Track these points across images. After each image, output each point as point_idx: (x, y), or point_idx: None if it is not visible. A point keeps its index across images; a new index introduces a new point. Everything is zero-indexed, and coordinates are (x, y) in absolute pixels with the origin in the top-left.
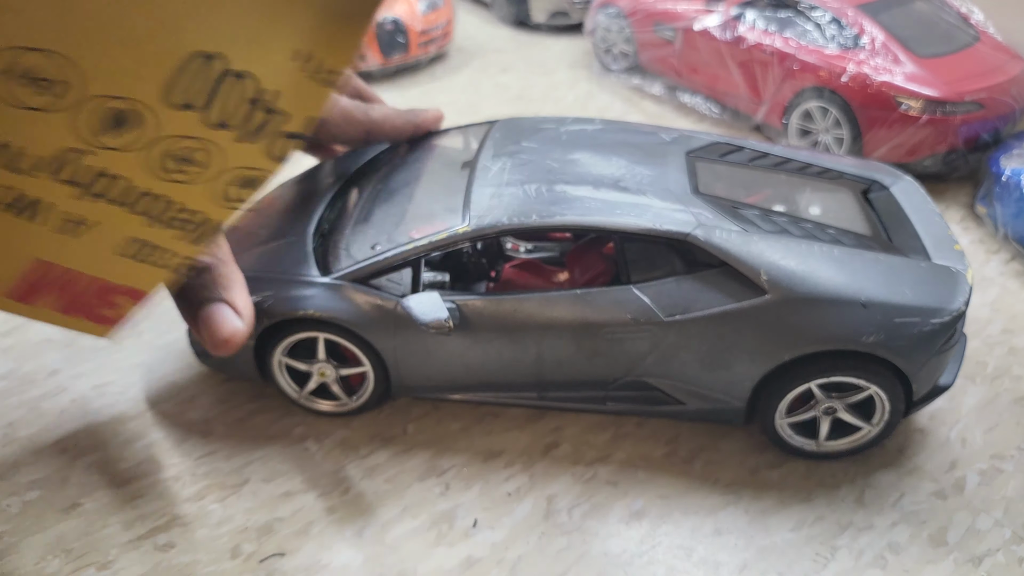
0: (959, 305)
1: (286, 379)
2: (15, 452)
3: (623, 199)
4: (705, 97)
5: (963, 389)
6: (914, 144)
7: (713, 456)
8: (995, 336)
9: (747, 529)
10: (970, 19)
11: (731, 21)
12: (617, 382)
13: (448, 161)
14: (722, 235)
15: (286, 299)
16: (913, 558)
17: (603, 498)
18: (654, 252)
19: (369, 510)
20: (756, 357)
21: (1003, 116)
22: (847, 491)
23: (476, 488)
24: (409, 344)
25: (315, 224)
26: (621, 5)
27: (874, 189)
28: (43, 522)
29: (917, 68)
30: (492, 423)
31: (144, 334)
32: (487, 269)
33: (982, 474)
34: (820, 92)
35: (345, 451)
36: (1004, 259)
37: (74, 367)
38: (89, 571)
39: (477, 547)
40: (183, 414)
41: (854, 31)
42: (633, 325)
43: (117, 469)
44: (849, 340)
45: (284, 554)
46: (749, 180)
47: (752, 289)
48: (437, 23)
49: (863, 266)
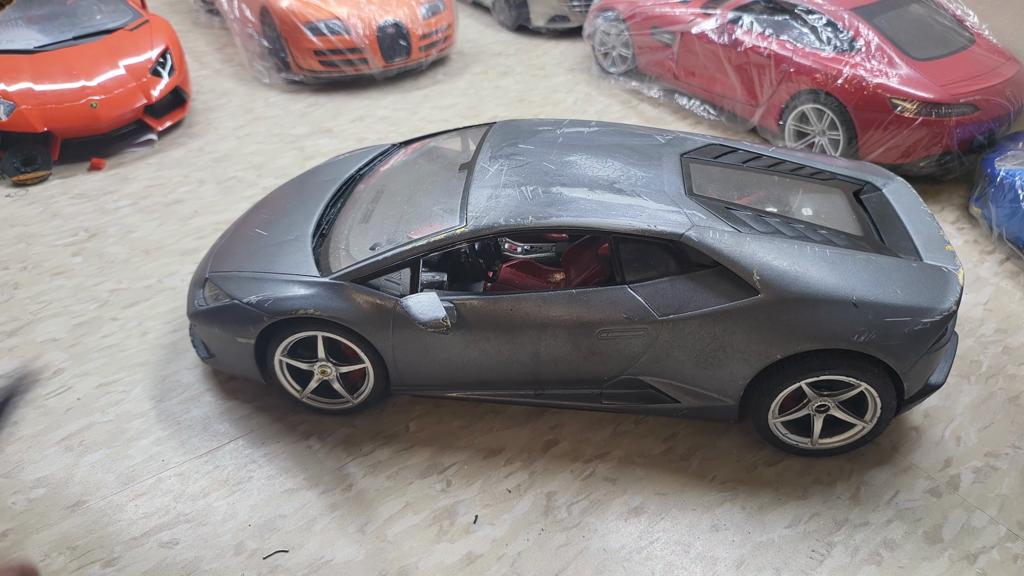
0: (950, 305)
1: (287, 378)
2: (20, 450)
3: (618, 200)
4: (702, 100)
5: (957, 388)
6: (909, 146)
7: (710, 453)
8: (989, 335)
9: (744, 525)
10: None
11: (728, 25)
12: (612, 380)
13: (446, 163)
14: (715, 236)
15: (286, 299)
16: (908, 555)
17: (602, 495)
18: (648, 252)
19: (371, 507)
20: (749, 356)
21: (998, 118)
22: (843, 488)
23: (477, 485)
24: (408, 343)
25: (315, 224)
26: (619, 9)
27: (866, 190)
28: (48, 519)
29: (912, 71)
30: (493, 421)
31: (148, 334)
32: (484, 269)
33: (976, 472)
34: (816, 95)
35: (348, 448)
36: (998, 259)
37: (79, 366)
38: (94, 568)
39: (478, 543)
40: (187, 412)
41: (850, 34)
42: (628, 324)
43: (122, 467)
44: (840, 339)
45: (288, 550)
46: (742, 181)
47: (745, 289)
48: (438, 27)
49: (854, 266)
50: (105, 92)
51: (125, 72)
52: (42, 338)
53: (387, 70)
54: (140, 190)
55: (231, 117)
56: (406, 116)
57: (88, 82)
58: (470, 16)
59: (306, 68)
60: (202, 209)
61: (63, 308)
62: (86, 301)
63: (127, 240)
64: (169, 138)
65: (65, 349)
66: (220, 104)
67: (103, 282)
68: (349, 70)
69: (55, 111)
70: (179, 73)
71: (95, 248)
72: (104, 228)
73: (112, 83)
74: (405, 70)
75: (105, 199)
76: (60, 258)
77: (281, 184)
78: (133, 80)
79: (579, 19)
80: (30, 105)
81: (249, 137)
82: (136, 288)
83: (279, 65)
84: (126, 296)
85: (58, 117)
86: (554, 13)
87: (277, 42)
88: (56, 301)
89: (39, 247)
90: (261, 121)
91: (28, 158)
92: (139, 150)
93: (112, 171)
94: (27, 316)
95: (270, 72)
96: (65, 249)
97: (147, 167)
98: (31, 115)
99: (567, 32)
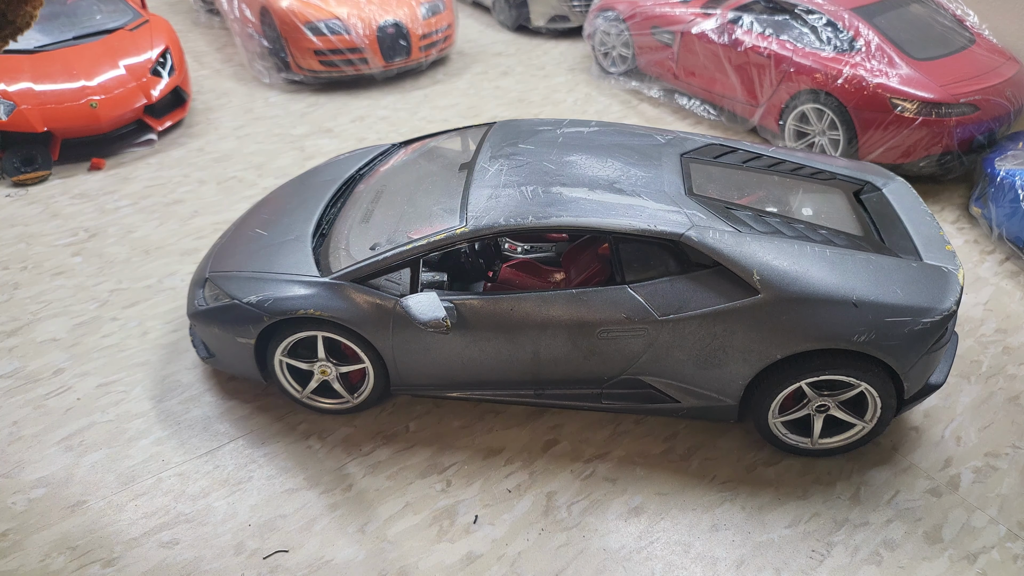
0: (950, 305)
1: (287, 378)
2: (20, 450)
3: (618, 200)
4: (702, 100)
5: (957, 388)
6: (909, 146)
7: (710, 453)
8: (989, 335)
9: (744, 525)
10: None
11: (728, 25)
12: (612, 380)
13: (446, 163)
14: (715, 236)
15: (286, 299)
16: (908, 555)
17: (602, 495)
18: (648, 252)
19: (371, 507)
20: (749, 356)
21: (998, 118)
22: (843, 488)
23: (477, 485)
24: (408, 343)
25: (315, 224)
26: (619, 9)
27: (866, 190)
28: (48, 519)
29: (912, 71)
30: (493, 421)
31: (148, 334)
32: (484, 269)
33: (976, 472)
34: (816, 95)
35: (348, 448)
36: (998, 259)
37: (79, 366)
38: (94, 568)
39: (478, 543)
40: (187, 412)
41: (850, 34)
42: (627, 324)
43: (122, 467)
44: (840, 339)
45: (288, 550)
46: (742, 181)
47: (745, 289)
48: (438, 27)
49: (854, 266)
50: (105, 92)
51: (125, 72)
52: (42, 338)
53: (387, 70)
54: (140, 190)
55: (231, 117)
56: (406, 116)
57: (88, 82)
58: (470, 16)
59: (306, 68)
60: (202, 209)
61: (63, 308)
62: (86, 301)
63: (127, 240)
64: (169, 138)
65: (65, 349)
66: (220, 104)
67: (103, 282)
68: (349, 70)
69: (55, 111)
70: (179, 73)
71: (95, 248)
72: (104, 228)
73: (112, 83)
74: (405, 70)
75: (105, 199)
76: (60, 258)
77: (281, 184)
78: (133, 80)
79: (579, 19)
80: (30, 105)
81: (249, 137)
82: (136, 288)
83: (279, 65)
84: (126, 296)
85: (58, 117)
86: (554, 13)
87: (277, 42)
88: (56, 301)
89: (39, 247)
90: (261, 121)
91: (28, 158)
92: (139, 150)
93: (112, 171)
94: (27, 316)
95: (270, 72)
96: (65, 249)
97: (147, 167)
98: (31, 115)
99: (567, 32)
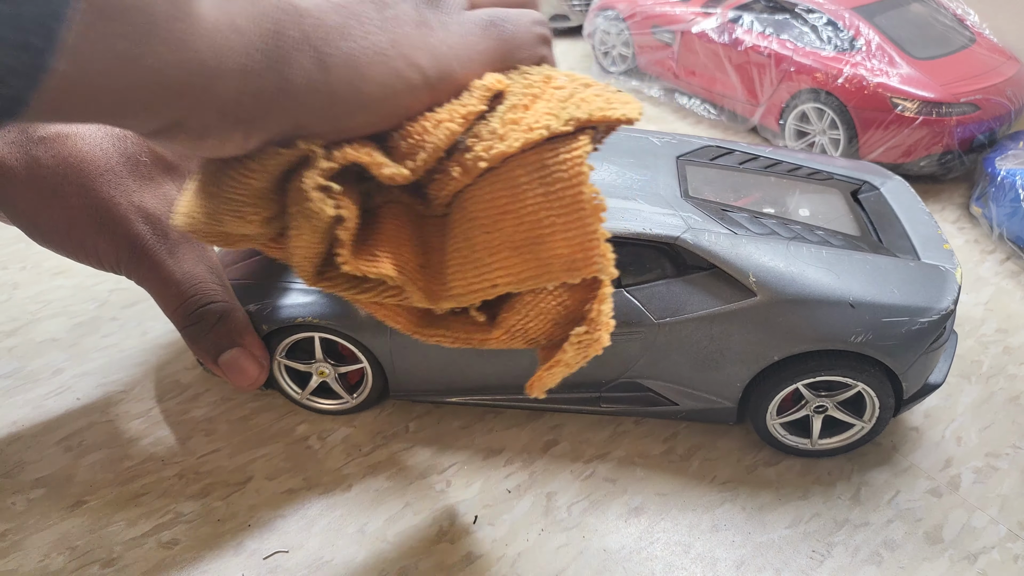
0: (947, 304)
1: (287, 381)
2: (20, 450)
3: (613, 204)
4: (702, 99)
5: (958, 388)
6: (910, 145)
7: (710, 454)
8: (990, 335)
9: (744, 526)
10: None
11: (728, 24)
12: (610, 383)
13: None
14: (711, 238)
15: (284, 307)
16: (908, 555)
17: (602, 495)
18: (644, 256)
19: (371, 507)
20: (746, 358)
21: (998, 117)
22: (843, 488)
23: (477, 485)
24: (405, 348)
25: None
26: (619, 8)
27: (864, 190)
28: (48, 519)
29: (913, 70)
30: (492, 422)
31: (148, 334)
32: None
33: (977, 472)
34: (816, 94)
35: (347, 449)
36: (999, 259)
37: (79, 366)
38: (94, 568)
39: (478, 543)
40: (187, 412)
41: (850, 33)
42: (624, 327)
43: (121, 467)
44: (837, 340)
45: (287, 550)
46: (739, 183)
47: (741, 291)
48: None
49: (851, 266)
50: None
51: None
52: (41, 338)
53: None
54: None
55: None
56: None
57: None
58: None
59: None
60: None
61: (63, 308)
62: (86, 301)
63: None
64: None
65: (64, 349)
66: None
67: (103, 282)
68: None
69: None
70: None
71: None
72: None
73: None
74: None
75: None
76: (60, 258)
77: None
78: None
79: (579, 18)
80: None
81: None
82: (136, 288)
83: None
84: (126, 296)
85: None
86: (554, 12)
87: None
88: (56, 301)
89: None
90: None
91: None
92: None
93: None
94: (26, 316)
95: None
96: None
97: None
98: None
99: (567, 31)
